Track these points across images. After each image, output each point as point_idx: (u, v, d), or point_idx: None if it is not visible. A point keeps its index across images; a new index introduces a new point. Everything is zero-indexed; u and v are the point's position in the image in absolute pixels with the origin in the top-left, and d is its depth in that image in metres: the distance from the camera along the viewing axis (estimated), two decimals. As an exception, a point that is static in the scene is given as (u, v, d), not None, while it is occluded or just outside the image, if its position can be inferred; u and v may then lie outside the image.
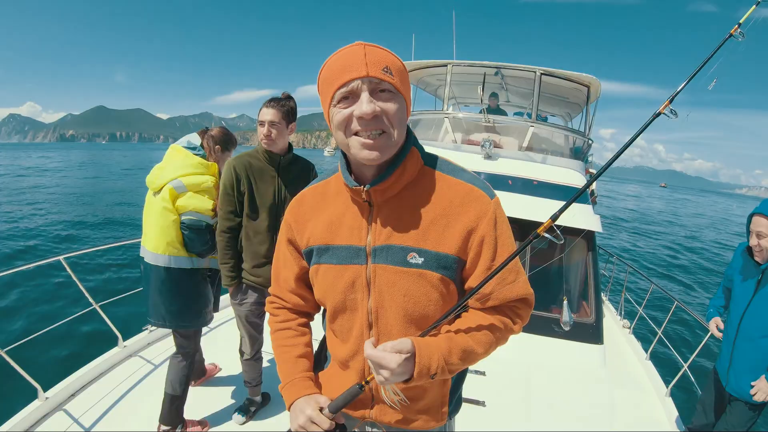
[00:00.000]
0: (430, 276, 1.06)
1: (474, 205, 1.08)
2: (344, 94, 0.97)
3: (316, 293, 1.21)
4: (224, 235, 2.56)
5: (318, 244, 1.16)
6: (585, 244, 4.40)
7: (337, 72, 0.97)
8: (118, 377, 3.32)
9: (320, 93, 1.04)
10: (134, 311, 5.25)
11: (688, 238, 26.69)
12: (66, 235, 14.00)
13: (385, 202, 1.09)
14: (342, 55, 0.98)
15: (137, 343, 3.77)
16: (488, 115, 4.95)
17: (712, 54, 1.50)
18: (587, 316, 4.14)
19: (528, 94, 5.90)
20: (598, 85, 5.30)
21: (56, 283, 8.17)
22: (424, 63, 5.68)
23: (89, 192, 26.71)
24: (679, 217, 43.28)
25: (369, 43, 0.99)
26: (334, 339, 1.25)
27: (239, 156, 2.59)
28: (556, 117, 7.40)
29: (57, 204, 21.02)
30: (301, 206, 1.23)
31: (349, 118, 0.98)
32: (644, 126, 1.27)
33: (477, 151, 4.78)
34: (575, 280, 4.59)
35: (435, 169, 1.13)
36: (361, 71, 0.95)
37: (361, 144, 0.98)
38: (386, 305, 1.10)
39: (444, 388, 1.23)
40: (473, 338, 1.09)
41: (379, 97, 0.97)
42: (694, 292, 13.82)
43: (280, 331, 1.29)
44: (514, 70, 5.33)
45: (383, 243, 1.08)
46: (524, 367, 3.49)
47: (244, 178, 2.51)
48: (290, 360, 1.24)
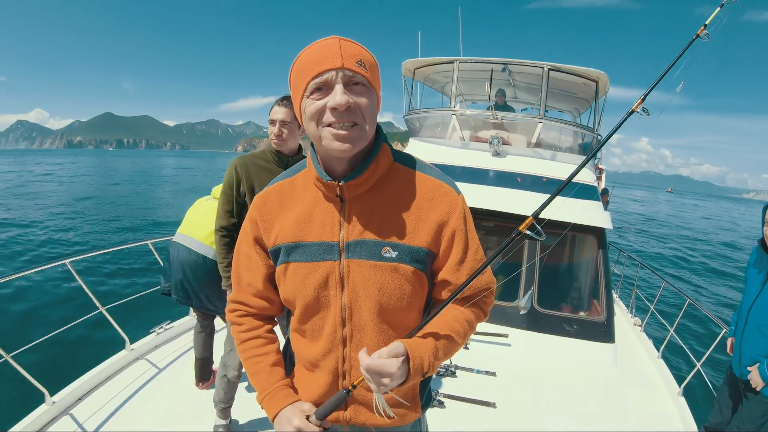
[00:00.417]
0: (404, 269, 1.08)
1: (444, 199, 1.11)
2: (318, 85, 0.97)
3: (284, 293, 1.17)
4: (219, 234, 2.51)
5: (287, 242, 1.13)
6: (595, 242, 4.34)
7: (311, 63, 0.97)
8: (125, 380, 3.29)
9: (292, 84, 1.05)
10: (141, 314, 5.25)
11: (696, 241, 26.56)
12: (76, 240, 14.10)
13: (357, 198, 1.10)
14: (317, 48, 0.99)
15: (144, 346, 3.75)
16: (496, 111, 4.89)
17: (679, 56, 1.54)
18: (598, 314, 4.09)
19: (536, 90, 5.83)
20: (607, 79, 5.22)
21: (62, 287, 8.15)
22: (431, 60, 5.63)
23: (102, 196, 26.94)
24: (687, 221, 43.02)
25: (344, 38, 1.00)
26: (301, 340, 1.21)
27: (244, 156, 2.53)
28: (564, 113, 7.32)
29: (66, 207, 21.19)
30: (266, 203, 1.19)
31: (322, 110, 0.98)
32: (618, 124, 1.39)
33: (485, 149, 4.73)
34: (586, 278, 4.53)
35: (404, 165, 1.15)
36: (336, 63, 0.96)
37: (333, 135, 0.99)
38: (360, 301, 1.10)
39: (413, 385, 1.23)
40: (454, 331, 1.12)
41: (353, 90, 0.98)
42: (705, 291, 13.70)
43: (249, 340, 1.24)
44: (522, 66, 5.26)
45: (357, 238, 1.09)
46: (535, 367, 3.45)
47: (245, 179, 2.44)
48: (264, 369, 1.20)
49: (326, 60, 0.96)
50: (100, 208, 21.63)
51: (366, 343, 1.12)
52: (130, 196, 27.97)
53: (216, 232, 2.52)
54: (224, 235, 2.50)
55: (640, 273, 6.58)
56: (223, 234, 2.50)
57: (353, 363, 1.14)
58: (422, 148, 5.18)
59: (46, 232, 14.71)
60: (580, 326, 3.89)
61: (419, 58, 5.61)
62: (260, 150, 2.58)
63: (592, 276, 4.40)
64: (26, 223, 16.00)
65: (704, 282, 15.12)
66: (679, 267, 17.25)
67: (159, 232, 15.05)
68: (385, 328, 1.12)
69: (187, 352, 3.79)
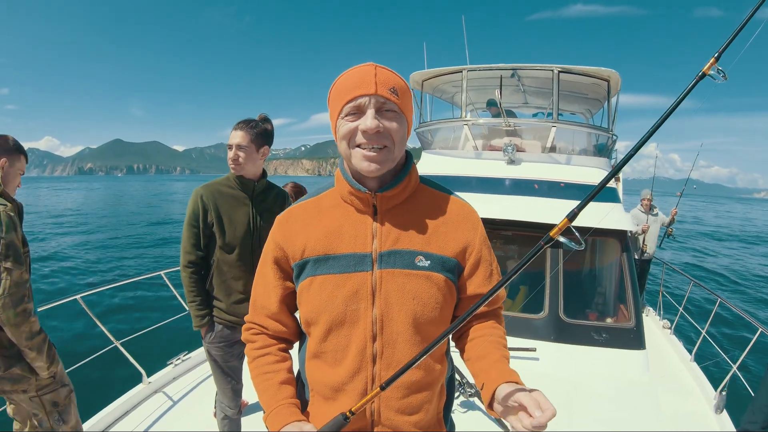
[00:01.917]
0: (436, 278, 1.11)
1: (470, 217, 1.21)
2: (352, 109, 1.04)
3: (307, 310, 1.13)
4: (187, 270, 2.33)
5: (316, 254, 1.13)
6: (618, 245, 4.24)
7: (347, 88, 1.04)
8: (143, 414, 3.27)
9: (330, 105, 1.11)
10: (157, 346, 5.21)
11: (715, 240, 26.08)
12: (87, 269, 14.19)
13: (389, 210, 1.15)
14: (354, 73, 1.06)
15: (162, 378, 3.71)
16: (509, 118, 4.83)
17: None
18: (627, 320, 3.98)
19: (546, 94, 5.77)
20: (618, 78, 5.14)
21: (74, 322, 8.11)
22: (439, 71, 5.60)
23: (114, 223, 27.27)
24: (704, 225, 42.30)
25: (380, 65, 1.07)
26: (320, 365, 1.15)
27: (208, 184, 2.38)
28: (576, 115, 7.24)
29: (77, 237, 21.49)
30: (290, 222, 1.20)
31: (354, 131, 1.05)
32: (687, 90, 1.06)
33: (499, 157, 4.67)
34: (610, 284, 4.43)
35: (427, 185, 1.24)
36: (370, 89, 1.02)
37: (363, 156, 1.05)
38: (393, 313, 1.10)
39: (440, 404, 1.23)
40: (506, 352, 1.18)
41: (384, 115, 1.05)
42: (733, 292, 13.37)
43: (260, 357, 1.21)
44: (531, 71, 5.22)
45: (390, 248, 1.11)
46: (566, 380, 3.35)
47: (212, 208, 2.29)
48: (272, 387, 1.16)
49: (361, 86, 1.03)
50: (111, 235, 21.91)
51: (398, 357, 1.09)
52: (139, 224, 28.18)
53: (183, 268, 2.34)
54: (193, 272, 2.33)
55: (666, 275, 6.44)
56: (192, 270, 2.33)
57: (383, 383, 1.09)
58: (435, 162, 5.13)
59: (58, 263, 14.87)
60: (609, 334, 3.79)
61: (427, 70, 5.59)
62: (224, 177, 2.46)
63: (617, 280, 4.29)
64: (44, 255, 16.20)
65: (733, 283, 14.78)
66: (706, 270, 16.90)
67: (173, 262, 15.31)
68: (418, 341, 1.10)
69: (203, 382, 3.76)
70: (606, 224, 4.01)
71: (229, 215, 2.33)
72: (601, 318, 4.16)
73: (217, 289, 2.37)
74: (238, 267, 2.37)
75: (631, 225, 4.15)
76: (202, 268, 2.38)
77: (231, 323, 2.40)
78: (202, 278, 2.37)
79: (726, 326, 8.65)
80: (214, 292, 2.38)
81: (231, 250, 2.34)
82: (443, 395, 1.25)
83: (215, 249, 2.33)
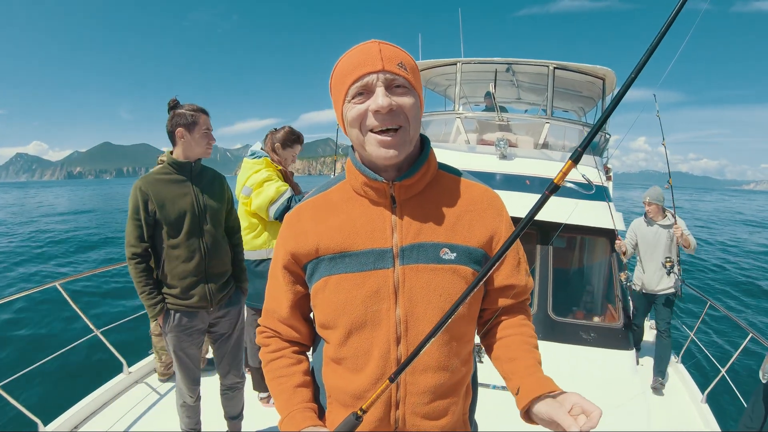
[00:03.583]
0: (463, 271, 1.02)
1: (495, 203, 1.12)
2: (359, 89, 0.94)
3: (323, 313, 1.05)
4: (132, 262, 2.28)
5: (331, 252, 1.03)
6: (607, 244, 4.21)
7: (351, 67, 0.95)
8: (124, 406, 3.17)
9: (333, 91, 1.02)
10: (138, 336, 5.08)
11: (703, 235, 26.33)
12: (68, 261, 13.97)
13: (408, 200, 1.05)
14: (356, 52, 0.96)
15: (143, 368, 3.62)
16: (502, 113, 4.77)
17: None
18: (614, 320, 3.96)
19: (540, 90, 5.72)
20: (614, 76, 5.11)
21: (53, 310, 7.85)
22: (433, 62, 5.52)
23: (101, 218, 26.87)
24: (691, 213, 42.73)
25: (383, 41, 0.98)
26: (339, 371, 1.06)
27: (145, 176, 2.35)
28: (569, 112, 7.20)
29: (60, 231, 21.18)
30: (300, 220, 1.10)
31: (364, 114, 0.95)
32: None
33: (492, 152, 4.61)
34: (599, 283, 4.40)
35: (446, 171, 1.14)
36: (377, 65, 0.93)
37: (379, 141, 0.95)
38: (418, 311, 1.00)
39: (465, 404, 1.15)
40: (538, 354, 1.11)
41: (394, 92, 0.95)
42: (721, 293, 13.48)
43: (274, 360, 1.14)
44: (526, 66, 5.15)
45: (412, 241, 1.02)
46: (553, 379, 3.31)
47: (153, 196, 2.25)
48: (287, 390, 1.09)
49: (366, 63, 0.93)
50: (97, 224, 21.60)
51: (425, 360, 1.00)
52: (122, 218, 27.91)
53: (129, 261, 2.29)
54: (138, 262, 2.29)
55: None
56: (137, 261, 2.28)
57: (408, 389, 1.01)
58: None
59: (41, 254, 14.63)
60: (597, 333, 3.76)
61: (420, 61, 5.51)
62: (158, 166, 2.46)
63: (606, 280, 4.27)
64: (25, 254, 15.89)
65: (721, 283, 14.92)
66: (694, 266, 17.03)
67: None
68: (447, 340, 1.02)
69: None
70: (595, 223, 3.97)
71: (171, 199, 2.30)
72: (588, 317, 4.13)
73: (170, 277, 2.33)
74: (187, 247, 2.33)
75: (621, 225, 4.10)
76: (149, 259, 2.33)
77: (188, 308, 2.37)
78: (149, 269, 2.33)
79: (716, 328, 8.71)
80: (168, 280, 2.34)
81: (178, 231, 2.31)
82: (469, 395, 1.17)
83: (161, 237, 2.30)
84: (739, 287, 13.21)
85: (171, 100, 2.35)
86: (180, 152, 2.35)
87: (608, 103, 3.58)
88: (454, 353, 1.03)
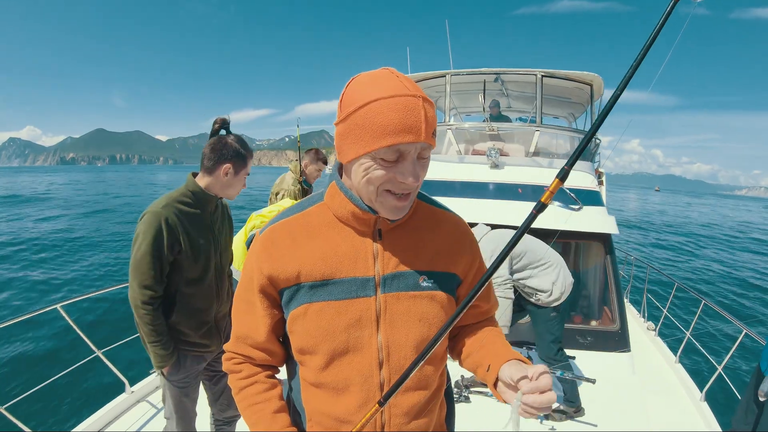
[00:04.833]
0: (439, 296, 1.07)
1: (465, 231, 1.18)
2: (391, 155, 0.90)
3: (302, 339, 1.03)
4: (147, 308, 1.95)
5: (313, 280, 1.01)
6: (602, 248, 4.26)
7: (393, 127, 0.86)
8: (126, 425, 3.19)
9: (354, 131, 0.91)
10: (139, 355, 5.08)
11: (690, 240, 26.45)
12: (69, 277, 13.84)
13: (391, 230, 1.07)
14: (401, 106, 0.87)
15: (145, 387, 3.63)
16: (491, 122, 4.85)
17: None
18: (611, 323, 4.00)
19: (530, 99, 5.80)
20: (601, 82, 5.21)
21: (54, 331, 7.72)
22: (422, 75, 5.61)
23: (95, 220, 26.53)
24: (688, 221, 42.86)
25: (424, 95, 0.91)
26: (320, 395, 1.06)
27: (167, 204, 2.00)
28: (560, 119, 7.29)
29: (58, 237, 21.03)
30: (275, 243, 1.06)
31: (390, 179, 0.92)
32: None
33: (483, 161, 4.67)
34: (595, 287, 4.44)
35: (421, 200, 1.16)
36: (420, 136, 0.88)
37: (394, 206, 0.96)
38: (399, 338, 1.03)
39: (441, 415, 1.19)
40: (506, 341, 1.17)
41: (420, 163, 0.94)
42: (716, 291, 13.52)
43: (247, 387, 1.11)
44: (515, 75, 5.24)
45: (393, 270, 1.04)
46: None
47: (182, 234, 1.98)
48: (265, 419, 1.07)
49: (411, 130, 0.87)
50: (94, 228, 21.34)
51: (407, 383, 0.99)
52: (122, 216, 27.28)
53: (143, 306, 1.95)
54: (156, 308, 1.98)
55: (650, 276, 6.48)
56: (153, 308, 1.96)
57: (392, 411, 1.03)
58: None
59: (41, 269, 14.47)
60: (594, 337, 3.80)
61: (409, 74, 5.59)
62: (178, 191, 2.08)
63: (602, 284, 4.31)
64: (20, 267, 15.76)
65: (716, 280, 14.95)
66: (689, 267, 17.08)
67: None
68: (423, 364, 1.02)
69: None
70: (589, 228, 4.02)
71: (196, 235, 2.05)
72: (585, 321, 4.18)
73: (185, 322, 2.10)
74: (207, 295, 2.15)
75: (614, 228, 4.16)
76: (161, 302, 2.04)
77: (198, 354, 2.20)
78: (161, 315, 2.03)
79: (710, 326, 8.73)
80: (180, 326, 2.10)
81: (197, 271, 2.08)
82: (443, 407, 1.22)
83: (179, 278, 2.04)
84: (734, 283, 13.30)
85: (219, 119, 2.12)
86: (215, 186, 2.10)
87: (596, 109, 3.66)
88: (432, 372, 1.08)
